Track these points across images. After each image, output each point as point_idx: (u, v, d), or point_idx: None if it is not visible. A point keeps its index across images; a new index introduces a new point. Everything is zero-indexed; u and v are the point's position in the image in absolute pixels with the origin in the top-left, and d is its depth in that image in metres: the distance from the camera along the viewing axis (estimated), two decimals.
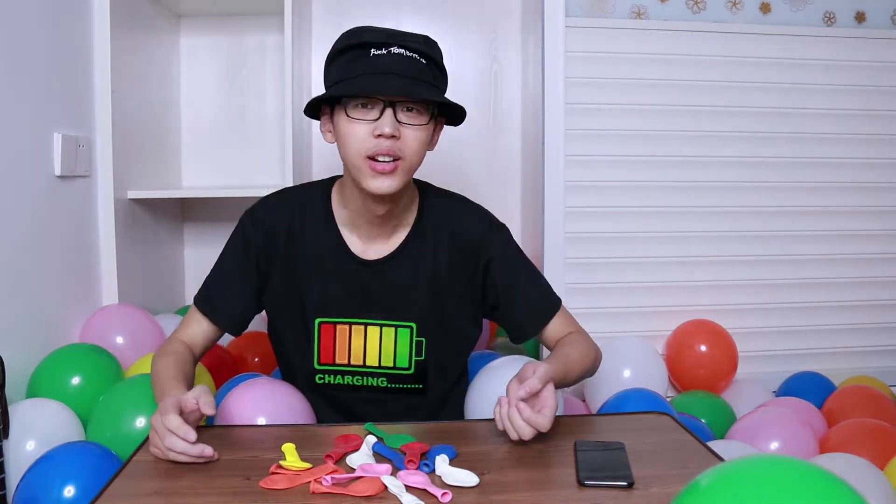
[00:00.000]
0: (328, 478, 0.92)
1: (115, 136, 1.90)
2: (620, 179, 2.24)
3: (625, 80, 2.21)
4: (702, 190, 2.27)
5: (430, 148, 1.23)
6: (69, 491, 1.21)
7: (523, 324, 1.32)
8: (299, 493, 0.91)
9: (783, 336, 2.33)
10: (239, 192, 2.10)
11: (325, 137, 1.23)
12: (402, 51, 1.13)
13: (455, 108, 1.19)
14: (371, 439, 1.05)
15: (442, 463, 0.96)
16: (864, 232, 2.34)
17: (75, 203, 1.80)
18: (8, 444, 1.31)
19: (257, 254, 1.28)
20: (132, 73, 2.01)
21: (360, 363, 1.29)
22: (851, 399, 1.97)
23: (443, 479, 0.94)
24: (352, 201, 1.25)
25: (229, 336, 1.99)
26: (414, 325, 1.28)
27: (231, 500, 0.90)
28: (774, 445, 1.67)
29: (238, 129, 2.40)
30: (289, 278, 1.29)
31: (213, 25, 2.38)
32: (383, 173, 1.14)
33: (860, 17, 2.29)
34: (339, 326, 1.28)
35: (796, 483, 0.59)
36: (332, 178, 1.33)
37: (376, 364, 1.29)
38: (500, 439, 1.08)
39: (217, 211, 2.41)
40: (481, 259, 1.30)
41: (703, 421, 1.83)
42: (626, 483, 0.93)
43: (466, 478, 0.93)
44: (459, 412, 1.38)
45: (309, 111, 1.23)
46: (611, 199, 2.24)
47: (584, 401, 2.06)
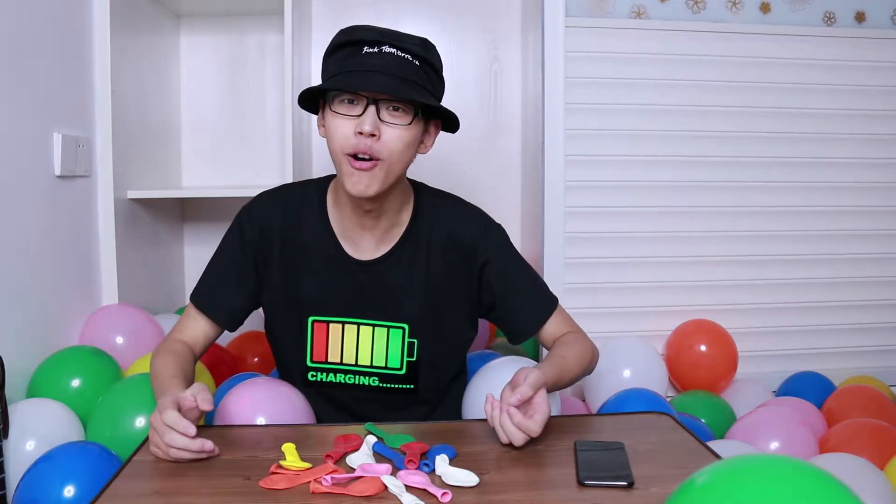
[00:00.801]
0: (328, 478, 0.92)
1: (115, 136, 1.90)
2: (620, 179, 2.24)
3: (625, 80, 2.21)
4: (702, 190, 2.27)
5: (423, 151, 1.23)
6: (69, 491, 1.21)
7: (520, 324, 1.32)
8: (299, 493, 0.91)
9: (783, 336, 2.33)
10: (239, 192, 2.10)
11: (319, 131, 1.24)
12: (394, 50, 1.13)
13: (446, 113, 1.19)
14: (371, 439, 1.05)
15: (442, 463, 0.96)
16: (865, 232, 2.34)
17: (75, 203, 1.80)
18: (8, 444, 1.31)
19: (254, 250, 1.29)
20: (132, 72, 2.01)
21: (353, 362, 1.29)
22: (851, 399, 1.97)
23: (443, 479, 0.94)
24: (343, 201, 1.26)
25: (229, 336, 2.02)
26: (406, 326, 1.28)
27: (231, 500, 0.90)
28: (774, 445, 1.67)
29: (238, 129, 2.41)
30: (284, 275, 1.29)
31: (213, 25, 2.38)
32: (360, 170, 1.14)
33: (860, 17, 2.29)
34: (332, 325, 1.28)
35: (790, 481, 0.59)
36: (328, 177, 1.33)
37: (368, 363, 1.29)
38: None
39: (217, 211, 2.41)
40: (477, 260, 1.30)
41: (702, 421, 1.83)
42: (626, 483, 0.93)
43: (466, 478, 0.93)
44: (457, 411, 1.38)
45: (307, 105, 1.23)
46: (611, 199, 2.24)
47: (584, 401, 2.06)
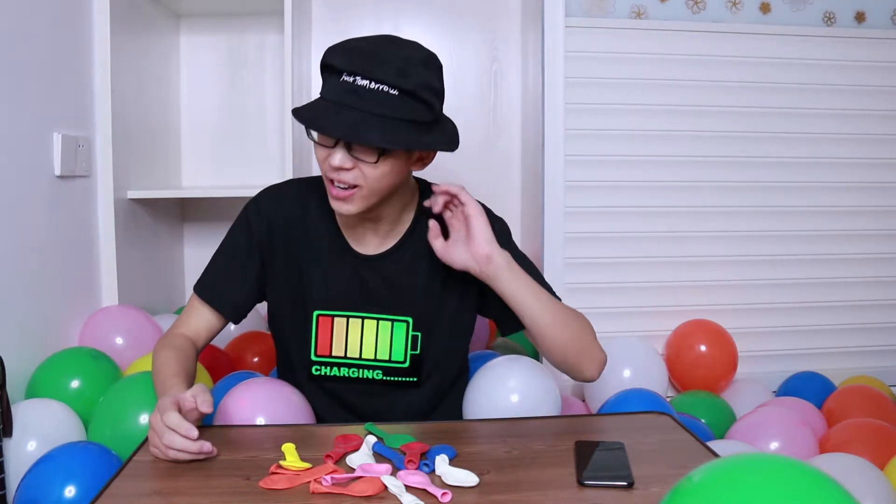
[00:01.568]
0: (328, 478, 0.92)
1: (114, 136, 1.90)
2: (620, 179, 2.24)
3: (625, 80, 2.21)
4: (702, 190, 2.27)
5: (418, 168, 1.22)
6: (70, 491, 1.21)
7: (513, 319, 1.26)
8: (299, 493, 0.91)
9: (783, 336, 2.33)
10: (239, 192, 2.10)
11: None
12: (367, 82, 1.08)
13: (426, 144, 1.15)
14: (371, 439, 1.05)
15: (442, 463, 0.96)
16: (865, 232, 2.34)
17: (75, 203, 1.80)
18: (9, 444, 1.31)
19: (260, 243, 1.29)
20: (132, 73, 2.01)
21: (357, 356, 1.30)
22: (851, 399, 1.97)
23: (443, 479, 0.94)
24: None
25: (228, 335, 2.01)
26: (410, 319, 1.29)
27: (231, 500, 0.90)
28: (774, 445, 1.67)
29: (238, 129, 2.41)
30: (289, 269, 1.30)
31: (213, 25, 2.38)
32: (338, 198, 1.15)
33: (860, 17, 2.29)
34: (336, 319, 1.29)
35: (784, 480, 0.59)
36: None
37: (372, 357, 1.30)
38: (500, 439, 1.08)
39: (217, 211, 2.41)
40: None
41: (702, 421, 1.83)
42: (626, 483, 0.93)
43: (466, 478, 0.93)
44: (458, 407, 1.38)
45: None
46: (611, 199, 2.24)
47: (584, 401, 2.06)
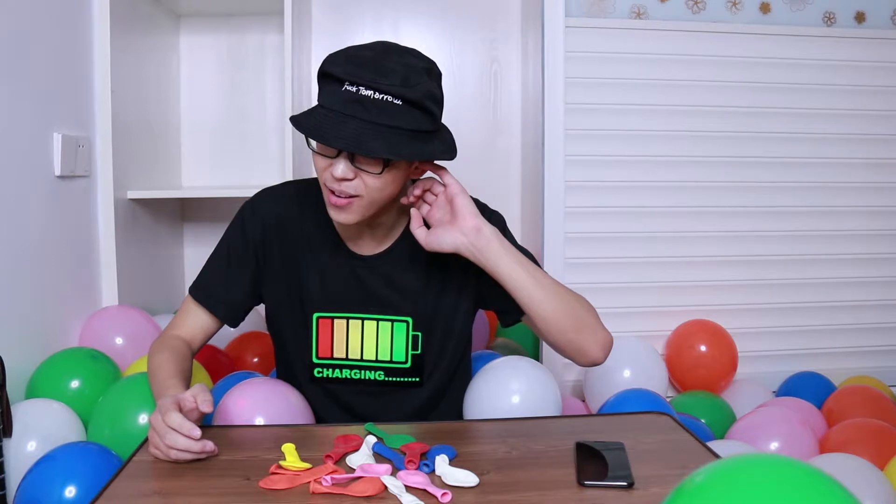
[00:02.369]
0: (328, 478, 0.92)
1: (115, 136, 1.90)
2: (620, 179, 2.24)
3: (625, 80, 2.21)
4: (701, 190, 2.27)
5: (416, 175, 1.21)
6: (70, 491, 1.21)
7: (512, 303, 1.23)
8: (299, 493, 0.91)
9: (783, 336, 2.33)
10: (239, 192, 2.10)
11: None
12: (371, 93, 1.06)
13: (430, 153, 1.14)
14: (371, 439, 1.05)
15: (442, 463, 0.96)
16: (865, 232, 2.34)
17: (75, 203, 1.80)
18: (9, 444, 1.31)
19: (255, 245, 1.29)
20: (132, 73, 2.01)
21: (358, 357, 1.29)
22: (851, 399, 1.97)
23: (443, 479, 0.94)
24: None
25: (228, 336, 2.01)
26: (410, 319, 1.28)
27: (231, 500, 0.90)
28: (774, 446, 1.67)
29: (238, 129, 2.40)
30: (287, 271, 1.29)
31: (213, 25, 2.38)
32: (337, 206, 1.14)
33: (860, 17, 2.29)
34: (336, 321, 1.28)
35: (788, 481, 0.59)
36: None
37: (373, 358, 1.29)
38: (500, 439, 1.08)
39: (217, 211, 2.41)
40: None
41: (702, 421, 1.83)
42: (626, 483, 0.93)
43: (466, 478, 0.93)
44: (458, 407, 1.38)
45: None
46: (611, 199, 2.24)
47: (584, 401, 2.06)
